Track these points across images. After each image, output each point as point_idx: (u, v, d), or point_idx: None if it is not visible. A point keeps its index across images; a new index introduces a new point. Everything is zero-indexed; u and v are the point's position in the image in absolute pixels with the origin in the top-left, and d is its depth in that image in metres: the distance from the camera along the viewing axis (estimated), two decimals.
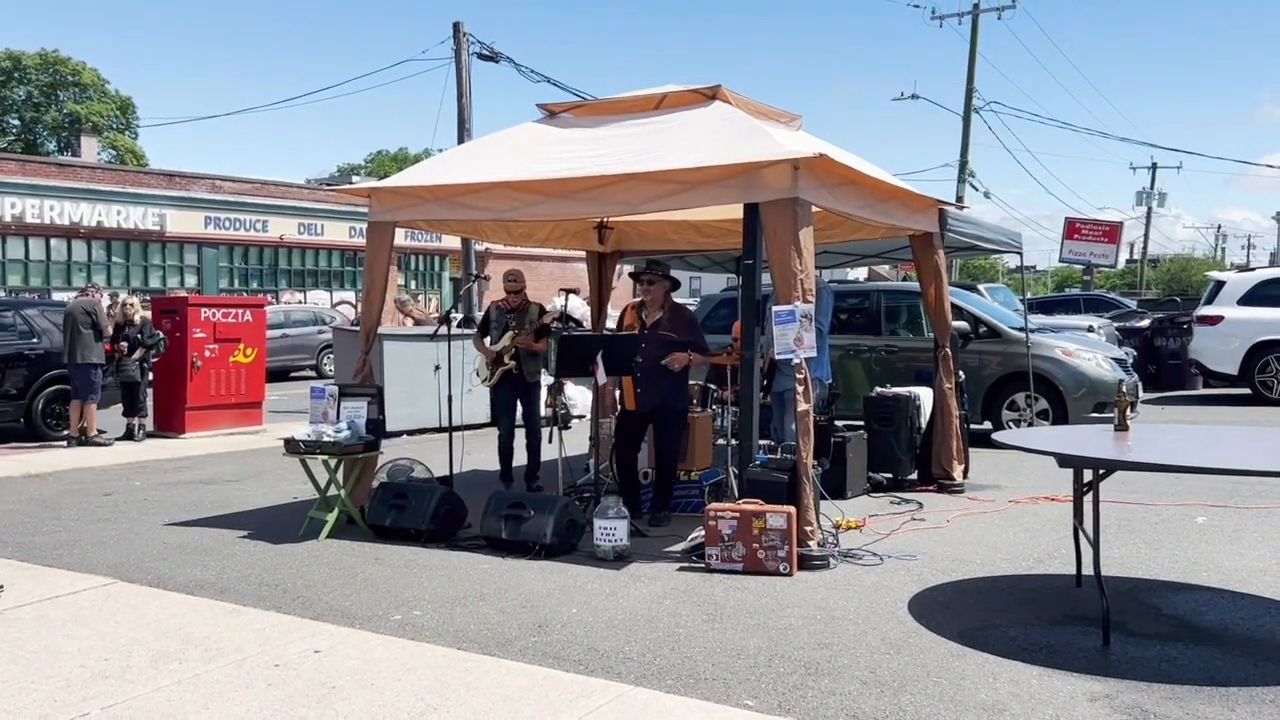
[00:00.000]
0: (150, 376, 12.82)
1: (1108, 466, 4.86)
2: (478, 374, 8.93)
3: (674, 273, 7.88)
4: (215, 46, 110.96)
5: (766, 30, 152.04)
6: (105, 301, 13.20)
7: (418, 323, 16.54)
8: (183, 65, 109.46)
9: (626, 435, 7.61)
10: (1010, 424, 10.97)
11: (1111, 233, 30.28)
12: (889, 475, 8.76)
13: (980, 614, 5.18)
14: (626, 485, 7.51)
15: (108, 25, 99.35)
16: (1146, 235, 54.93)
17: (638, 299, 7.75)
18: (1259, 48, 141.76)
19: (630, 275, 9.33)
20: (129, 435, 12.41)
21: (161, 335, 12.74)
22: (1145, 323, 19.53)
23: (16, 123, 52.43)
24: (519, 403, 8.76)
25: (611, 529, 6.27)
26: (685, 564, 6.15)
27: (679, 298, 7.77)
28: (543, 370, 9.01)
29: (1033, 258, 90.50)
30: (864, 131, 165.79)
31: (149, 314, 13.12)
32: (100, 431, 12.32)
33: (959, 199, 28.21)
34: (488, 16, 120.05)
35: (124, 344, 12.26)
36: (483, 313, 9.19)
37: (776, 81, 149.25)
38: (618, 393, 8.06)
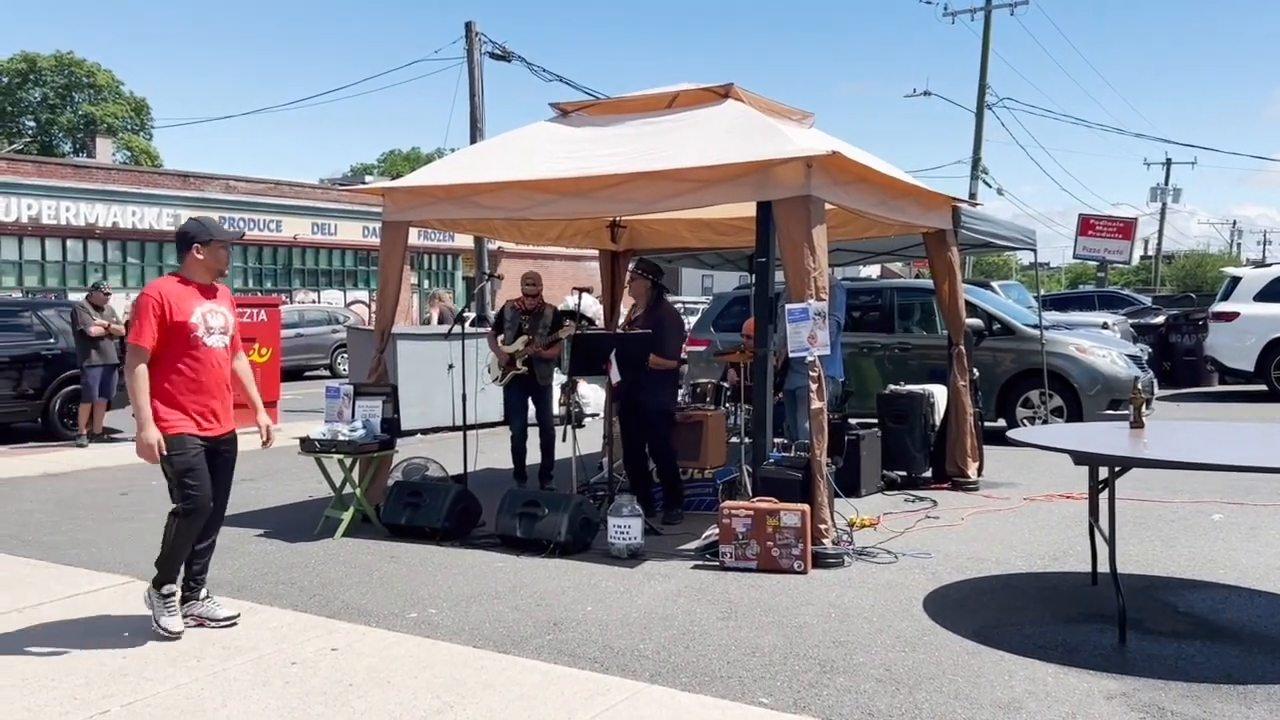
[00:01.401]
0: None
1: (1123, 464, 4.84)
2: (489, 370, 8.94)
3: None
4: (228, 48, 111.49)
5: (779, 28, 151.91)
6: (122, 304, 13.10)
7: (443, 318, 16.39)
8: (196, 66, 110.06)
9: (625, 434, 7.63)
10: (1024, 421, 10.94)
11: (1126, 229, 30.18)
12: (903, 473, 8.75)
13: (995, 611, 5.17)
14: (637, 483, 7.53)
15: (122, 27, 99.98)
16: (1161, 231, 54.68)
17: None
18: (1274, 43, 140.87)
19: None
20: None
21: None
22: (1160, 319, 19.44)
23: (32, 125, 52.75)
24: (531, 402, 8.78)
25: (625, 527, 6.28)
26: (699, 562, 6.16)
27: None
28: (555, 371, 9.02)
29: (1046, 254, 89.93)
30: (876, 129, 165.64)
31: None
32: (107, 430, 12.39)
33: (972, 196, 28.14)
34: (500, 16, 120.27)
35: None
36: (497, 311, 9.21)
37: (789, 79, 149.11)
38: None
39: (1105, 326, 16.95)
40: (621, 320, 8.73)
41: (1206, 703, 3.97)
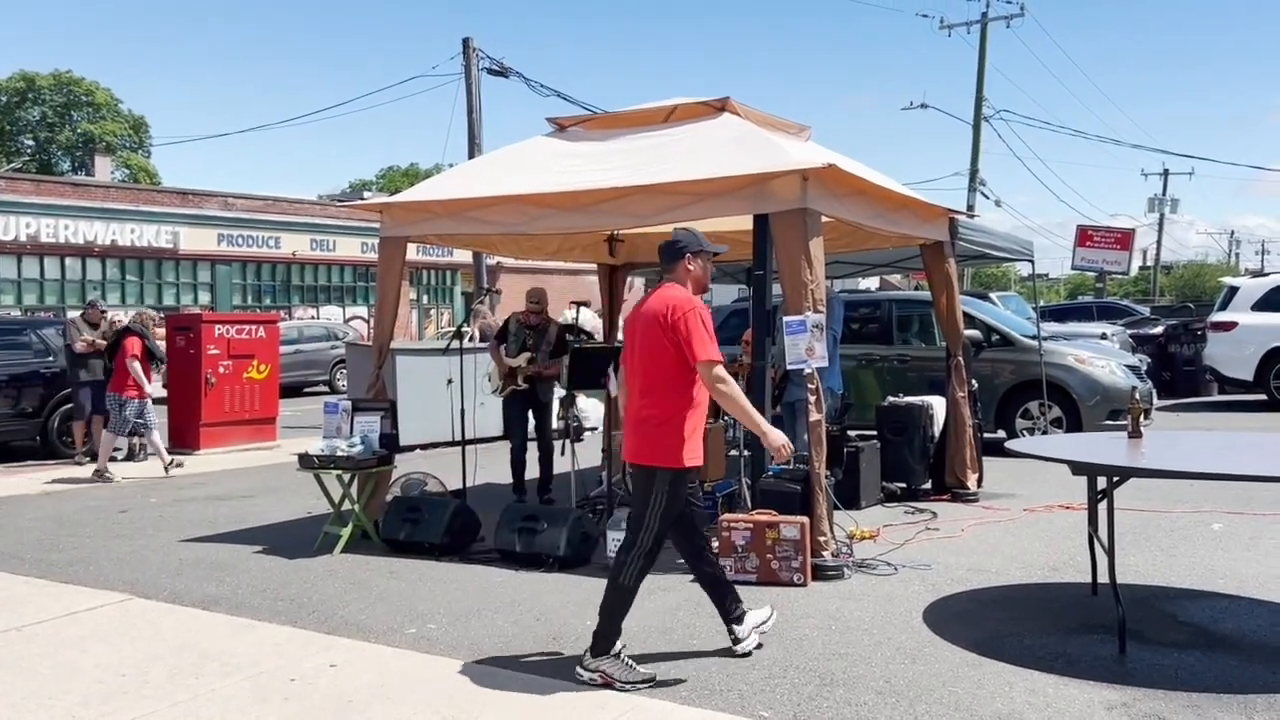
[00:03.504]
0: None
1: (1122, 474, 4.84)
2: (489, 380, 8.93)
3: None
4: (227, 65, 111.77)
5: (775, 42, 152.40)
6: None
7: (484, 335, 16.22)
8: (194, 84, 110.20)
9: None
10: (1024, 432, 10.93)
11: (1124, 239, 30.17)
12: (903, 485, 8.74)
13: (995, 623, 5.16)
14: None
15: (120, 45, 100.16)
16: (1159, 242, 54.74)
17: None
18: (1271, 52, 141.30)
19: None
20: (130, 456, 12.30)
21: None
22: (1159, 329, 19.44)
23: (31, 143, 52.86)
24: (531, 416, 8.78)
25: None
26: None
27: None
28: (556, 388, 9.02)
29: (1045, 265, 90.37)
30: (874, 141, 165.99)
31: (162, 329, 13.17)
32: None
33: (970, 208, 28.16)
34: (497, 32, 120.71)
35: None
36: (502, 323, 9.21)
37: (786, 92, 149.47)
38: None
39: (1104, 337, 16.94)
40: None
41: (1207, 712, 3.96)
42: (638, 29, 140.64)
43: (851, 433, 8.94)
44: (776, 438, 4.56)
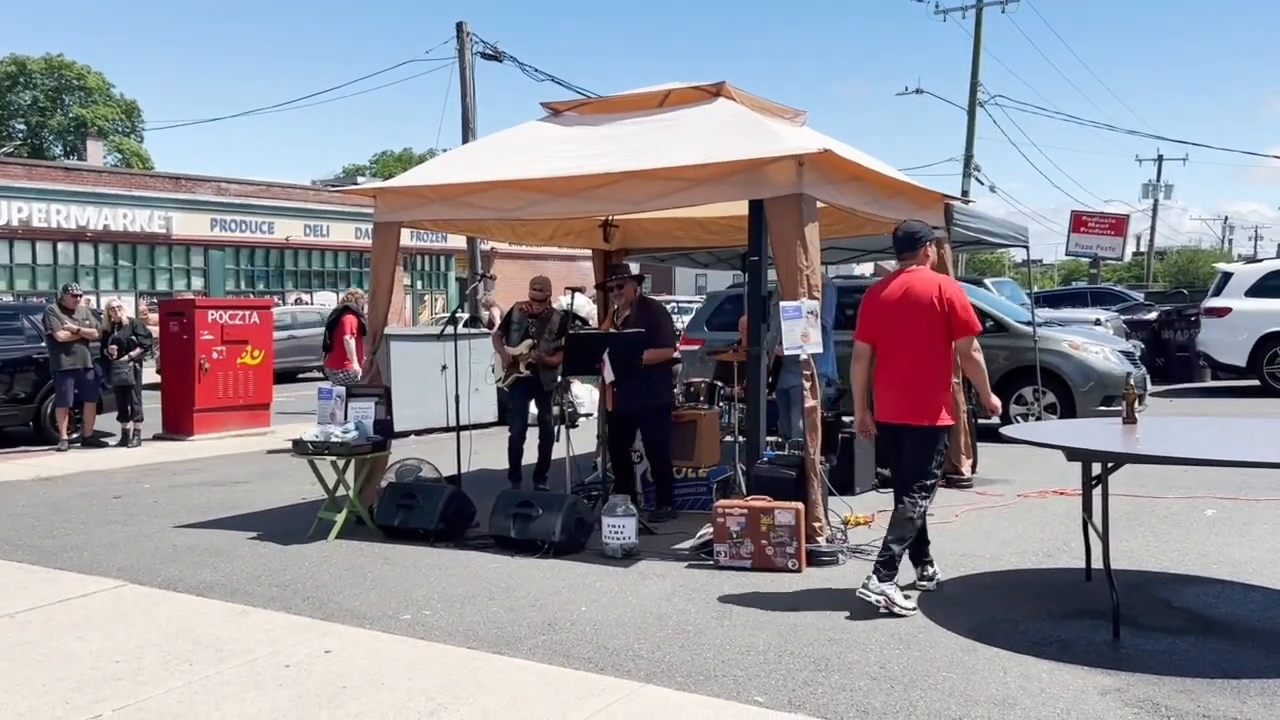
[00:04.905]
0: (142, 378, 12.68)
1: (1116, 459, 4.85)
2: (493, 371, 8.92)
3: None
4: (220, 49, 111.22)
5: (770, 26, 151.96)
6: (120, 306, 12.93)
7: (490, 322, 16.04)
8: (187, 68, 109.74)
9: (614, 431, 7.65)
10: (1018, 418, 10.94)
11: (1118, 225, 30.19)
12: None
13: (989, 608, 5.17)
14: (621, 475, 7.53)
15: (113, 29, 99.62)
16: (1153, 228, 54.72)
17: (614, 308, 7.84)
18: (1266, 39, 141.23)
19: (597, 288, 9.39)
20: (124, 441, 12.26)
21: (149, 330, 12.80)
22: (1153, 315, 19.46)
23: (22, 127, 52.58)
24: (534, 404, 8.78)
25: (620, 527, 6.28)
26: (694, 561, 6.15)
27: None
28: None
29: (1039, 251, 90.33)
30: (869, 127, 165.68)
31: (155, 315, 13.15)
32: (98, 434, 12.35)
33: (964, 193, 28.11)
34: (491, 16, 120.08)
35: (114, 347, 12.12)
36: (506, 312, 9.18)
37: (780, 77, 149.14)
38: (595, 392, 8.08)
39: (1098, 323, 16.96)
40: (601, 323, 8.74)
41: (1200, 698, 3.98)
42: (633, 14, 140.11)
43: (846, 419, 8.92)
44: (995, 400, 5.59)
